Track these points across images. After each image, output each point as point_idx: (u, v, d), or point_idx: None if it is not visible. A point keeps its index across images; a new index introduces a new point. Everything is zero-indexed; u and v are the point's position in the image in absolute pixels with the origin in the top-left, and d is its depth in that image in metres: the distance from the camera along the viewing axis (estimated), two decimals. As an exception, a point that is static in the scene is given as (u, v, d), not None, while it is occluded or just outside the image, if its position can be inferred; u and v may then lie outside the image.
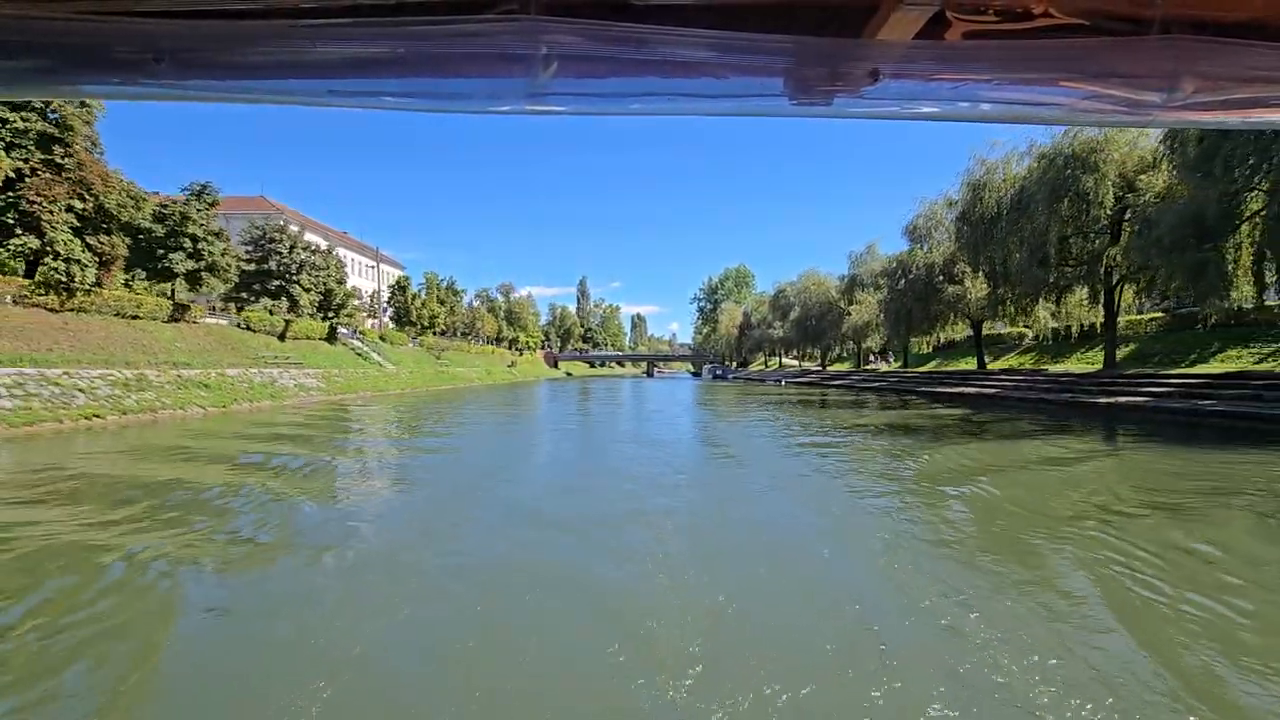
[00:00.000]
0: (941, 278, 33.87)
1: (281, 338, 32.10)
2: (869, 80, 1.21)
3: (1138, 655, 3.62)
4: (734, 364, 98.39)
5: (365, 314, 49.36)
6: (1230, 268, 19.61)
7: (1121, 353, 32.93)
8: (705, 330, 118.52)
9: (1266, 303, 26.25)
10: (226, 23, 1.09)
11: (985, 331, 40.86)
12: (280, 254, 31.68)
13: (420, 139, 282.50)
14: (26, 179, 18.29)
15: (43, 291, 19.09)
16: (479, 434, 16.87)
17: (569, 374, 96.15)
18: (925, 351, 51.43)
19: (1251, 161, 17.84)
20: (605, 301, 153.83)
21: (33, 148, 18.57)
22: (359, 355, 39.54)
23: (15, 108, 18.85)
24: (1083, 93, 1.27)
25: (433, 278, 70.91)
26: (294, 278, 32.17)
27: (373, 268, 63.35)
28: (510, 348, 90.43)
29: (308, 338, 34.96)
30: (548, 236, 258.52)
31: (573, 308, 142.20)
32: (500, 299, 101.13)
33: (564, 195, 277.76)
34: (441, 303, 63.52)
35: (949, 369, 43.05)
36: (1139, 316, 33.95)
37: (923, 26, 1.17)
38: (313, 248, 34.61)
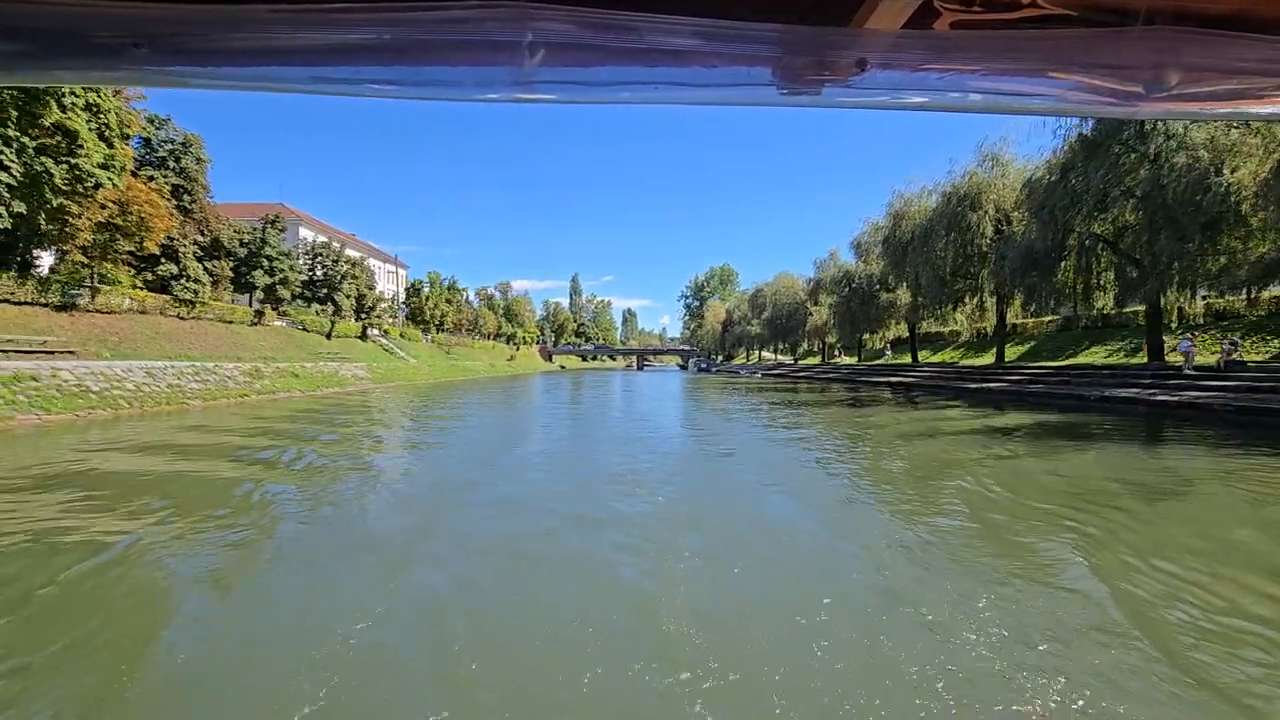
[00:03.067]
0: (879, 287, 40.73)
1: (329, 336, 38.49)
2: (856, 70, 1.24)
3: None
4: (720, 357, 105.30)
5: (388, 314, 55.55)
6: (1065, 288, 26.57)
7: (1023, 349, 40.11)
8: (693, 326, 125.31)
9: (1125, 309, 33.21)
10: (207, 7, 1.08)
11: (930, 330, 47.86)
12: (326, 266, 38.05)
13: (410, 131, 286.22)
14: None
15: (176, 305, 25.42)
16: (500, 409, 23.43)
17: (563, 367, 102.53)
18: (879, 346, 58.48)
19: (1069, 212, 24.66)
20: (597, 296, 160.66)
21: (170, 197, 24.84)
22: (386, 351, 45.95)
23: (155, 165, 25.11)
24: (1069, 84, 1.29)
25: (435, 277, 77.07)
26: (338, 286, 38.54)
27: (384, 269, 69.42)
28: (509, 343, 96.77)
29: (346, 336, 41.36)
30: (540, 230, 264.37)
31: (565, 302, 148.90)
32: (499, 297, 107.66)
33: (557, 189, 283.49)
34: (449, 302, 69.87)
35: (892, 363, 50.11)
36: (1040, 319, 40.99)
37: (911, 16, 1.19)
38: (351, 260, 40.95)
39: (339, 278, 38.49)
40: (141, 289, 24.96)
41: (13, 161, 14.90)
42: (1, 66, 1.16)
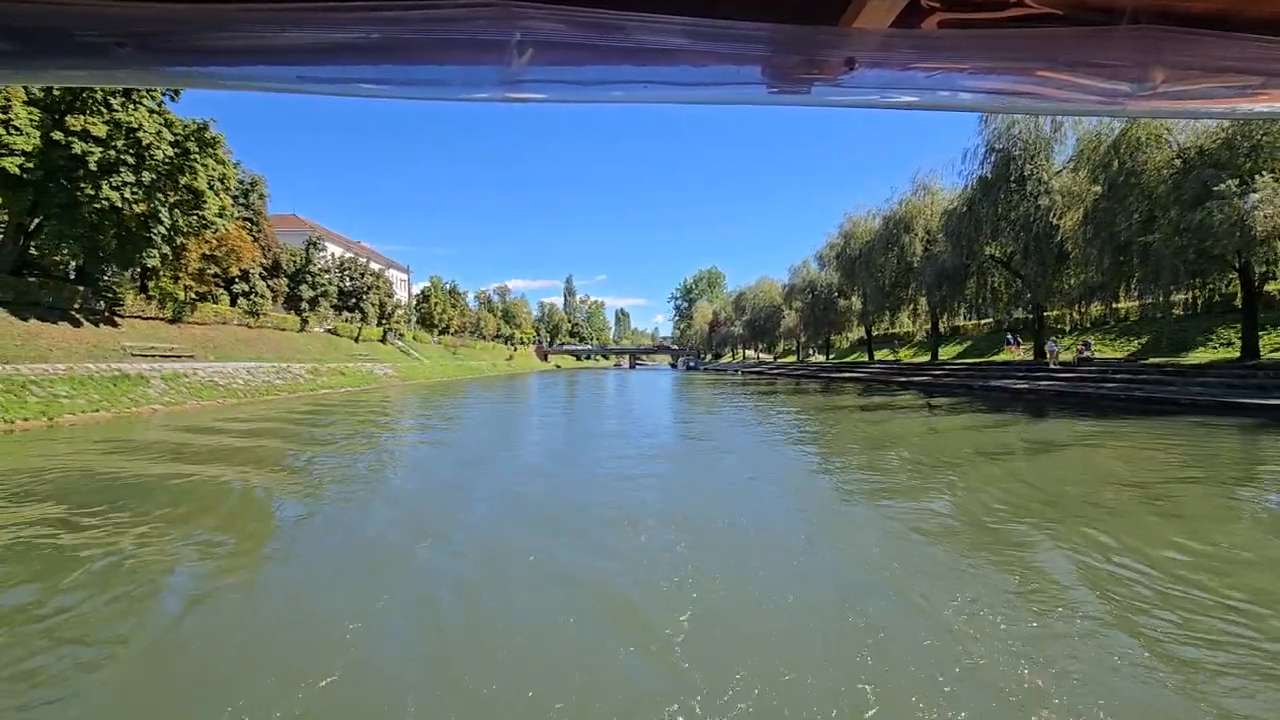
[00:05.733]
0: (837, 295, 46.68)
1: (356, 340, 44.03)
2: (845, 69, 1.23)
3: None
4: (709, 356, 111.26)
5: (404, 320, 61.03)
6: (970, 299, 32.57)
7: (961, 348, 46.13)
8: (682, 326, 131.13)
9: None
10: (192, 6, 1.09)
11: (892, 330, 54.04)
12: (355, 279, 43.66)
13: (403, 131, 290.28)
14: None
15: (245, 317, 30.96)
16: (512, 399, 29.12)
17: (558, 366, 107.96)
18: (846, 346, 64.65)
19: (973, 238, 30.58)
20: (591, 297, 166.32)
21: (244, 229, 30.37)
22: (403, 352, 51.49)
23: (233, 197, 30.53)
24: (1056, 82, 1.30)
25: (438, 282, 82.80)
26: (364, 296, 44.11)
27: (396, 276, 74.85)
28: (507, 343, 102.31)
29: (369, 340, 46.89)
30: (534, 229, 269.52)
31: (560, 303, 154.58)
32: (497, 300, 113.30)
33: (550, 188, 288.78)
34: (453, 306, 75.54)
35: (855, 360, 56.24)
36: (979, 322, 47.08)
37: (899, 15, 1.20)
38: (374, 273, 46.54)
39: (365, 289, 44.11)
40: (194, 300, 30.46)
41: (167, 217, 20.45)
42: None
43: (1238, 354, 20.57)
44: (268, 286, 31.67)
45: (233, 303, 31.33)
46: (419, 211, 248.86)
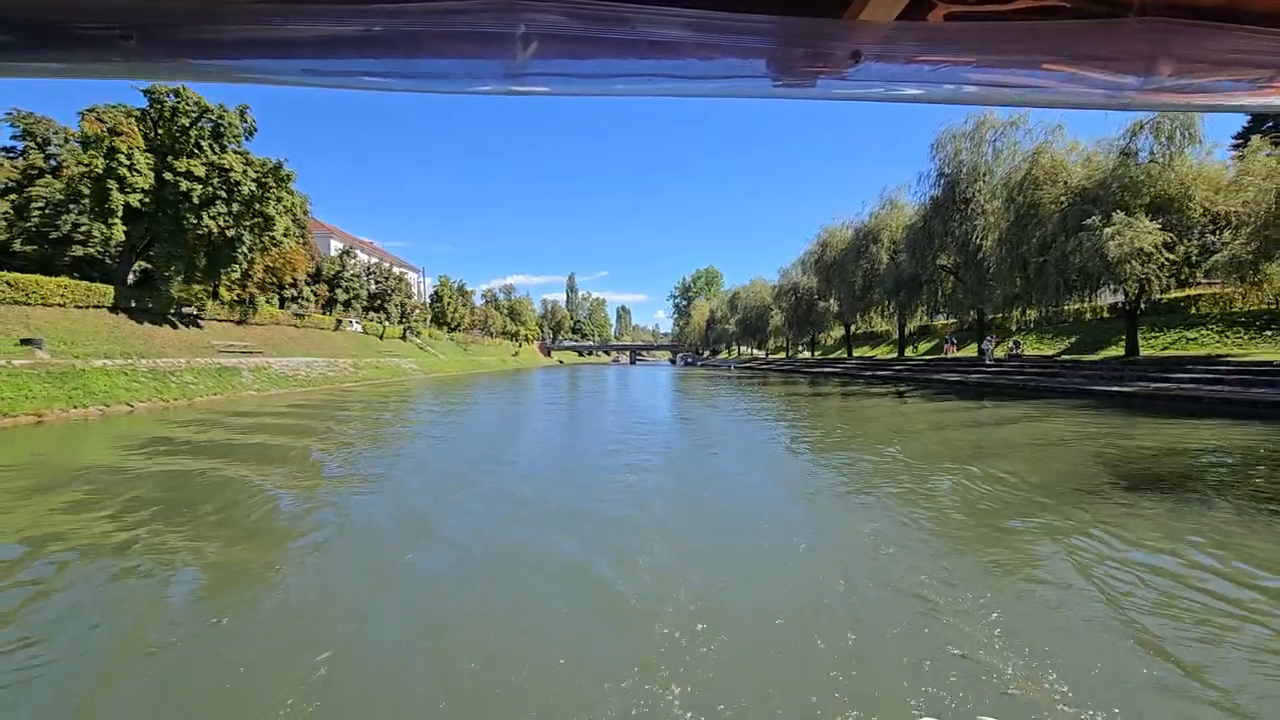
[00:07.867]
0: (816, 297, 51.24)
1: (380, 338, 48.70)
2: (851, 61, 1.23)
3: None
4: (706, 353, 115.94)
5: (421, 319, 65.67)
6: (925, 303, 37.12)
7: (930, 344, 50.67)
8: (681, 324, 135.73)
9: (998, 315, 43.69)
10: None
11: (874, 329, 58.72)
12: (380, 282, 48.34)
13: (402, 124, 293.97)
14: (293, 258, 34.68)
15: (293, 318, 35.62)
16: (525, 389, 33.73)
17: (561, 362, 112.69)
18: (831, 343, 69.26)
19: (927, 250, 35.10)
20: (593, 294, 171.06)
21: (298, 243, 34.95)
22: (421, 349, 56.16)
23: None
24: (1063, 75, 1.29)
25: (447, 281, 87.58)
26: (389, 298, 48.77)
27: (412, 277, 79.49)
28: (513, 340, 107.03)
29: (392, 338, 51.54)
30: (535, 226, 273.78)
31: (562, 299, 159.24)
32: (503, 298, 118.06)
33: (552, 184, 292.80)
34: (463, 304, 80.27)
35: (836, 357, 60.88)
36: (946, 321, 51.59)
37: (905, 7, 1.19)
38: (397, 276, 51.19)
39: (389, 291, 48.80)
40: (253, 305, 35.11)
41: (247, 238, 25.09)
42: None
43: (1123, 352, 25.14)
44: (311, 291, 36.29)
45: (281, 306, 35.95)
46: (419, 208, 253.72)
